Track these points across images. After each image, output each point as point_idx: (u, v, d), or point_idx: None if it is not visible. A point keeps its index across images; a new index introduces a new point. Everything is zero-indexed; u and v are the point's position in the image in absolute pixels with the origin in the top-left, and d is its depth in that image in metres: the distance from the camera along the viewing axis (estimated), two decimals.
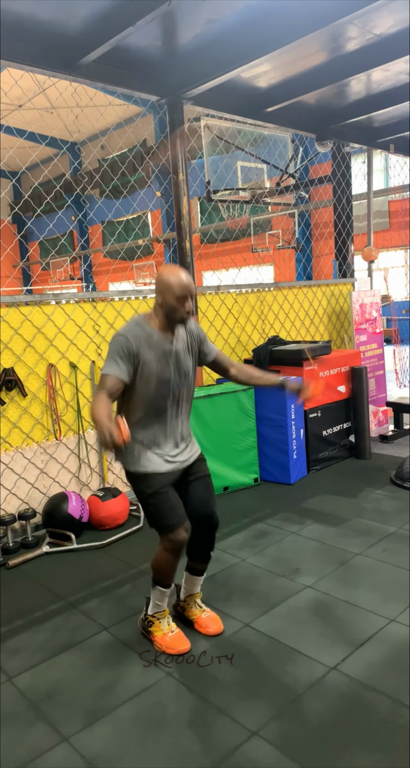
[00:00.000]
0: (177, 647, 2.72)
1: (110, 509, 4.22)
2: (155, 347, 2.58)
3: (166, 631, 2.78)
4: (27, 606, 3.26)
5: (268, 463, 5.01)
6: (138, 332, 2.57)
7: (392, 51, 4.58)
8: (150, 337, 2.58)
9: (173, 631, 2.79)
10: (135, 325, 2.60)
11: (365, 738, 2.16)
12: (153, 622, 2.80)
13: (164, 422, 2.67)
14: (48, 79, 6.63)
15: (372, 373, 6.43)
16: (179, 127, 4.98)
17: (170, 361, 2.62)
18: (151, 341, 2.57)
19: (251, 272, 16.78)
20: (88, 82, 4.40)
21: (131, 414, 2.63)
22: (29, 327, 4.20)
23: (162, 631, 2.78)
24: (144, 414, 2.63)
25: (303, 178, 9.95)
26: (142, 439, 2.64)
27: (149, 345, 2.56)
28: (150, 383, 2.58)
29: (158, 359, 2.58)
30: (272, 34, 4.06)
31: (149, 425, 2.65)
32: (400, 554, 3.55)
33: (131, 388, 2.59)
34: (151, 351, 2.57)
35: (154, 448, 2.66)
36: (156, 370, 2.58)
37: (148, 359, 2.56)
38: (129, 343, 2.53)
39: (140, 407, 2.62)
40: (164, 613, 2.81)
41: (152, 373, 2.57)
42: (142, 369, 2.56)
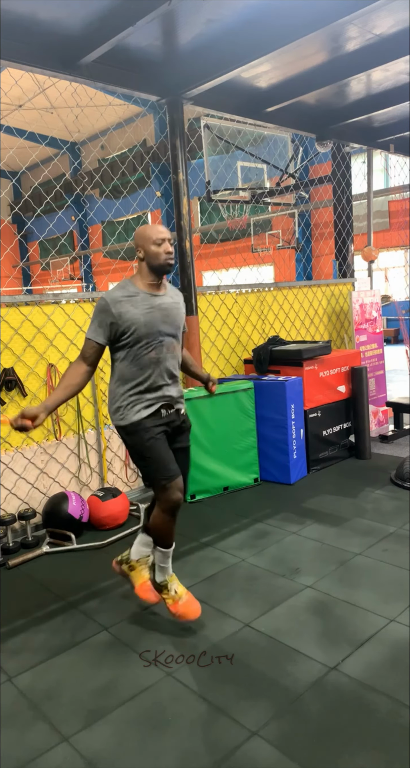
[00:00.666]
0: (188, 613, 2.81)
1: (110, 509, 4.22)
2: (140, 303, 2.69)
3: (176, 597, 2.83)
4: (27, 606, 3.26)
5: (268, 463, 5.01)
6: (119, 294, 2.68)
7: (392, 51, 4.58)
8: (134, 296, 2.70)
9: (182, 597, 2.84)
10: (118, 288, 2.72)
11: (365, 738, 2.16)
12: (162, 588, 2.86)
13: (158, 375, 2.76)
14: (48, 79, 6.64)
15: (372, 373, 6.43)
16: (179, 127, 4.98)
17: (159, 314, 2.72)
18: (135, 299, 2.69)
19: (251, 272, 16.79)
20: (88, 82, 4.40)
21: (125, 369, 2.73)
22: (29, 327, 4.20)
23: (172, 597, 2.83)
24: (138, 368, 2.72)
25: (303, 178, 9.95)
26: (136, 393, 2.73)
27: (132, 303, 2.68)
28: (140, 335, 2.68)
29: (145, 313, 2.68)
30: (272, 34, 4.06)
31: (142, 379, 2.73)
32: (400, 554, 3.55)
33: (123, 344, 2.70)
34: (135, 307, 2.67)
35: (147, 400, 2.73)
36: (145, 322, 2.68)
37: (132, 315, 2.66)
38: (107, 306, 2.65)
39: (133, 362, 2.72)
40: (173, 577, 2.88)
41: (140, 326, 2.67)
42: (127, 326, 2.66)
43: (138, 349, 2.70)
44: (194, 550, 3.81)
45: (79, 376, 2.71)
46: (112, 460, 4.73)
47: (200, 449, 4.68)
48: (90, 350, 2.71)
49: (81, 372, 2.71)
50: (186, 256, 5.10)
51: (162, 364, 2.76)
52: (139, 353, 2.71)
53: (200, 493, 4.72)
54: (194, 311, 5.11)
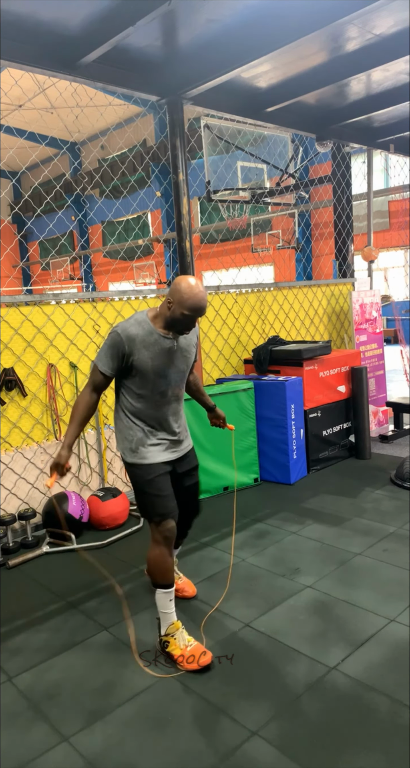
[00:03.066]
0: (197, 662, 2.61)
1: (110, 509, 4.22)
2: (152, 345, 2.63)
3: (182, 646, 2.67)
4: (27, 606, 3.27)
5: (268, 463, 5.01)
6: (134, 331, 2.61)
7: (392, 51, 4.58)
8: (148, 336, 2.63)
9: (190, 644, 2.69)
10: (134, 323, 2.64)
11: (365, 738, 2.16)
12: (168, 642, 2.70)
13: (164, 415, 2.76)
14: (48, 79, 6.64)
15: (372, 373, 6.44)
16: (179, 127, 4.98)
17: (168, 358, 2.68)
18: (148, 340, 2.62)
19: (251, 272, 16.79)
20: (88, 82, 4.40)
21: (131, 404, 2.73)
22: (29, 327, 4.20)
23: (179, 648, 2.67)
24: (143, 406, 2.72)
25: (303, 178, 9.95)
26: (140, 431, 2.73)
27: (144, 344, 2.62)
28: (147, 378, 2.66)
29: (155, 356, 2.64)
30: (272, 34, 4.06)
31: (146, 417, 2.74)
32: (400, 554, 3.55)
33: (130, 381, 2.70)
34: (147, 350, 2.63)
35: (152, 438, 2.75)
36: (153, 367, 2.64)
37: (142, 357, 2.62)
38: (121, 343, 2.60)
39: (139, 400, 2.72)
40: (174, 626, 2.72)
41: (148, 370, 2.64)
42: (136, 366, 2.64)
43: (145, 389, 2.69)
44: (194, 550, 3.81)
45: (91, 407, 2.72)
46: (112, 460, 4.74)
47: (200, 449, 4.67)
48: (99, 380, 2.70)
49: (92, 403, 2.72)
50: (186, 256, 5.10)
51: (166, 404, 2.76)
52: (145, 393, 2.70)
53: (200, 493, 4.71)
54: None
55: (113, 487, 4.40)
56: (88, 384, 2.73)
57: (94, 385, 2.71)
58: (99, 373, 2.68)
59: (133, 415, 2.73)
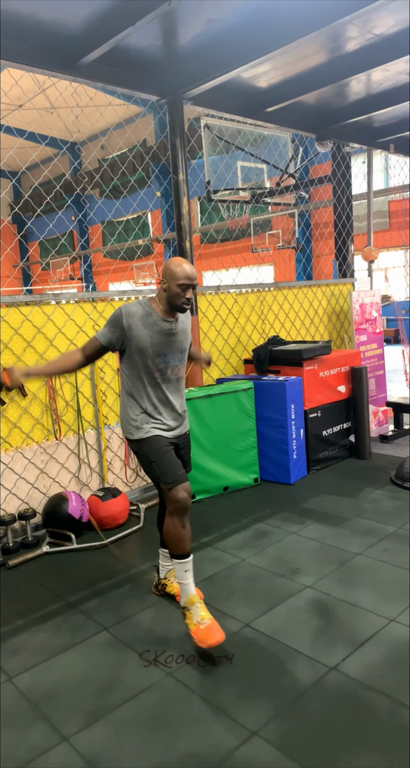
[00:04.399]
0: (207, 641, 2.64)
1: (110, 509, 4.22)
2: (151, 326, 2.80)
3: (198, 621, 2.70)
4: (27, 606, 3.26)
5: (268, 463, 5.01)
6: (135, 309, 2.80)
7: (392, 51, 4.58)
8: (148, 316, 2.80)
9: (203, 622, 2.70)
10: (136, 303, 2.84)
11: (365, 738, 2.16)
12: (185, 614, 2.76)
13: (164, 396, 2.89)
14: (48, 79, 6.64)
15: (372, 373, 6.44)
16: (179, 127, 4.98)
17: (167, 339, 2.83)
18: (148, 320, 2.80)
19: (251, 272, 16.79)
20: (88, 82, 4.40)
21: (134, 386, 2.87)
22: (29, 327, 4.20)
23: (194, 623, 2.71)
24: (143, 385, 2.86)
25: (303, 178, 9.95)
26: (144, 408, 2.86)
27: (144, 323, 2.79)
28: (147, 355, 2.80)
29: (153, 335, 2.79)
30: (272, 34, 4.06)
31: (149, 396, 2.86)
32: (400, 554, 3.55)
33: (130, 360, 2.83)
34: (145, 328, 2.79)
35: (155, 415, 2.88)
36: (152, 344, 2.79)
37: (141, 334, 2.77)
38: (120, 317, 2.78)
39: (140, 379, 2.85)
40: (190, 600, 2.75)
41: (146, 348, 2.79)
42: (134, 343, 2.78)
43: (145, 368, 2.83)
44: (194, 550, 3.81)
45: (72, 363, 2.85)
46: (112, 460, 4.74)
47: (200, 449, 4.67)
48: (91, 346, 2.85)
49: (75, 360, 2.86)
50: (186, 256, 5.10)
51: (167, 384, 2.89)
52: (145, 372, 2.84)
53: (200, 493, 4.72)
54: (194, 311, 5.11)
55: (113, 487, 4.40)
56: (81, 347, 2.87)
57: (85, 350, 2.85)
58: (95, 340, 2.83)
59: (136, 396, 2.86)
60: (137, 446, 2.88)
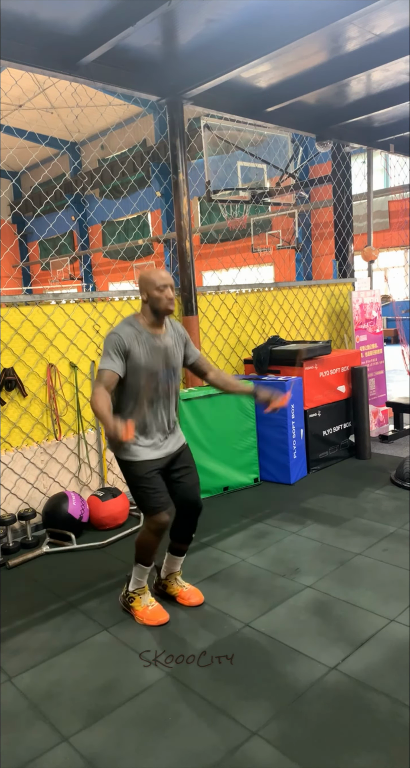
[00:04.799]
0: (157, 618, 2.96)
1: (110, 509, 4.22)
2: (144, 343, 2.83)
3: (146, 604, 3.02)
4: (27, 606, 3.26)
5: (268, 463, 5.01)
6: (129, 330, 2.82)
7: (392, 51, 4.58)
8: (140, 334, 2.84)
9: (152, 604, 3.03)
10: (127, 324, 2.86)
11: (365, 738, 2.16)
12: (134, 598, 3.05)
13: (154, 413, 2.90)
14: (48, 79, 6.64)
15: (372, 373, 6.43)
16: (179, 127, 4.98)
17: (158, 356, 2.86)
18: (140, 338, 2.83)
19: (251, 272, 16.79)
20: (88, 82, 4.40)
21: (123, 405, 2.88)
22: (29, 327, 4.20)
23: (142, 605, 3.02)
24: (135, 405, 2.87)
25: (303, 178, 9.95)
26: (135, 428, 2.84)
27: (138, 341, 2.82)
28: (140, 376, 2.82)
29: (147, 354, 2.82)
30: (272, 34, 4.06)
31: (139, 416, 2.87)
32: (400, 554, 3.55)
33: (123, 381, 2.83)
34: (140, 347, 2.82)
35: (144, 437, 2.88)
36: (145, 364, 2.82)
37: (137, 354, 2.80)
38: (121, 341, 2.78)
39: (131, 399, 2.86)
40: (144, 589, 3.06)
41: (141, 367, 2.81)
42: (132, 363, 2.80)
43: (137, 387, 2.84)
44: (194, 550, 3.81)
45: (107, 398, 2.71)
46: (112, 460, 4.73)
47: (200, 449, 4.68)
48: (110, 380, 2.75)
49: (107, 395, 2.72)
50: (186, 256, 5.10)
51: (158, 402, 2.91)
52: (138, 391, 2.85)
53: (200, 493, 4.71)
54: (194, 311, 5.11)
55: (113, 487, 4.40)
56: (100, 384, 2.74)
57: (106, 385, 2.75)
58: (111, 373, 2.75)
59: (125, 414, 2.86)
60: (124, 467, 2.92)
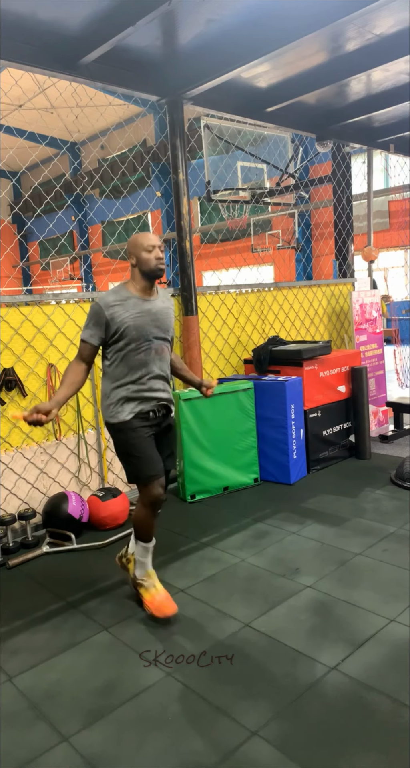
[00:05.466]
0: (164, 611, 2.95)
1: (110, 509, 4.22)
2: (131, 307, 2.84)
3: (153, 593, 3.01)
4: (27, 606, 3.26)
5: (268, 463, 5.01)
6: (112, 298, 2.84)
7: (392, 51, 4.58)
8: (126, 300, 2.85)
9: (159, 594, 3.01)
10: (111, 293, 2.87)
11: (365, 738, 2.16)
12: (141, 584, 3.07)
13: (147, 377, 2.90)
14: (48, 79, 6.64)
15: (372, 373, 6.43)
16: (179, 127, 4.98)
17: (148, 317, 2.86)
18: (126, 303, 2.84)
19: (251, 272, 16.78)
20: (88, 82, 4.40)
21: (116, 369, 2.88)
22: (29, 327, 4.20)
23: (150, 594, 3.02)
24: (128, 369, 2.87)
25: (303, 178, 9.95)
26: (125, 391, 2.87)
27: (123, 307, 2.83)
28: (130, 337, 2.82)
29: (135, 316, 2.83)
30: (272, 34, 4.06)
31: (132, 380, 2.87)
32: (400, 554, 3.55)
33: (114, 346, 2.85)
34: (126, 311, 2.82)
35: (135, 399, 2.88)
36: (135, 325, 2.82)
37: (123, 319, 2.80)
38: (100, 310, 2.81)
39: (123, 362, 2.87)
40: (148, 574, 3.06)
41: (130, 328, 2.81)
42: (118, 327, 2.81)
43: (128, 350, 2.84)
44: (194, 550, 3.81)
45: (81, 373, 2.86)
46: (112, 460, 4.73)
47: (200, 449, 4.68)
48: (86, 351, 2.87)
49: (82, 370, 2.87)
50: (186, 256, 5.10)
51: (151, 366, 2.90)
52: (128, 355, 2.85)
53: (200, 493, 4.72)
54: (194, 311, 5.11)
55: (113, 487, 4.40)
56: (77, 355, 2.88)
57: (82, 356, 2.86)
58: (85, 343, 2.85)
59: (118, 378, 2.87)
60: (114, 431, 2.90)
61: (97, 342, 2.85)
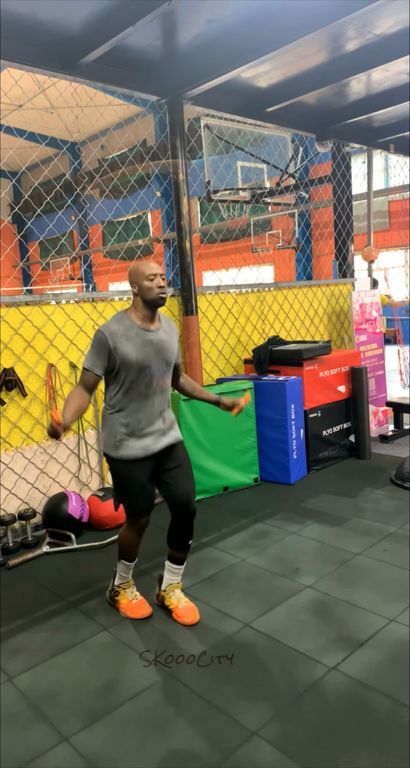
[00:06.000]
0: (140, 612, 3.04)
1: (110, 509, 4.22)
2: (134, 338, 2.78)
3: (130, 598, 3.10)
4: (27, 606, 3.26)
5: (268, 463, 5.01)
6: (116, 328, 2.79)
7: (392, 51, 4.58)
8: (129, 330, 2.79)
9: (136, 598, 3.11)
10: (115, 321, 2.83)
11: (365, 738, 2.16)
12: (119, 592, 3.13)
13: (148, 407, 2.85)
14: (48, 79, 6.65)
15: (372, 373, 6.43)
16: (179, 127, 4.98)
17: (150, 349, 2.81)
18: (130, 334, 2.79)
19: (251, 272, 16.78)
20: (88, 82, 4.40)
21: (117, 400, 2.84)
22: (29, 327, 4.20)
23: (127, 599, 3.10)
24: (129, 400, 2.83)
25: (303, 178, 9.94)
26: (126, 424, 2.83)
27: (127, 338, 2.77)
28: (132, 370, 2.78)
29: (138, 348, 2.78)
30: (272, 34, 4.06)
31: (132, 411, 2.83)
32: (400, 554, 3.55)
33: (116, 376, 2.81)
34: (129, 342, 2.77)
35: (137, 433, 2.83)
36: (136, 358, 2.77)
37: (126, 351, 2.76)
38: (105, 340, 2.76)
39: (125, 394, 2.83)
40: (128, 583, 3.14)
41: (132, 362, 2.77)
42: (121, 360, 2.76)
43: (129, 382, 2.81)
44: (194, 550, 3.81)
45: (85, 401, 2.81)
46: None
47: (200, 449, 4.68)
48: (90, 380, 2.82)
49: (86, 398, 2.82)
50: (186, 256, 5.10)
51: (151, 397, 2.87)
52: (130, 386, 2.82)
53: (200, 493, 4.72)
54: (194, 311, 5.11)
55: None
56: (79, 382, 2.85)
57: (85, 384, 2.82)
58: (87, 372, 2.80)
59: (119, 411, 2.84)
60: (113, 464, 2.90)
61: (100, 372, 2.80)
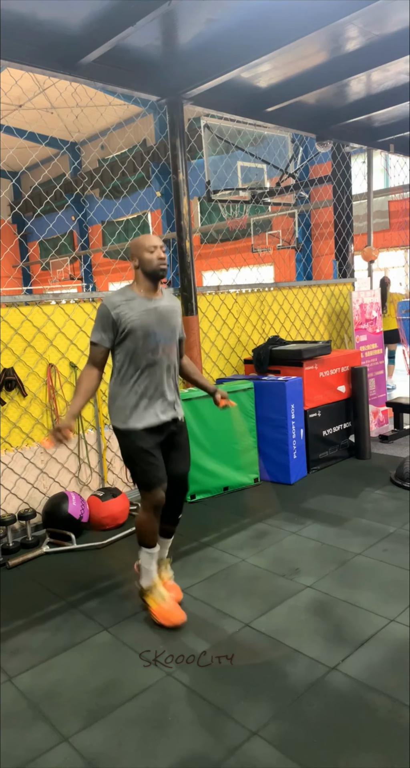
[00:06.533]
0: (170, 619, 2.91)
1: (110, 509, 4.22)
2: (137, 306, 2.83)
3: (159, 602, 2.97)
4: (27, 606, 3.26)
5: (268, 463, 5.01)
6: (117, 298, 2.84)
7: (392, 51, 4.58)
8: (131, 300, 2.84)
9: (166, 601, 2.98)
10: (117, 293, 2.88)
11: (365, 738, 2.16)
12: (147, 594, 3.02)
13: (155, 376, 2.87)
14: (48, 79, 6.65)
15: (372, 373, 6.43)
16: (179, 127, 4.98)
17: (154, 316, 2.84)
18: (131, 303, 2.83)
19: (251, 272, 16.78)
20: (88, 82, 4.40)
21: (124, 370, 2.86)
22: (29, 327, 4.20)
23: (156, 603, 2.97)
24: (136, 369, 2.85)
25: (303, 178, 9.95)
26: (134, 395, 2.84)
27: (129, 306, 2.82)
28: (137, 338, 2.80)
29: (141, 315, 2.81)
30: (272, 34, 4.06)
31: (140, 380, 2.85)
32: (400, 554, 3.55)
33: (122, 344, 2.83)
34: (131, 310, 2.81)
35: (144, 403, 2.86)
36: (140, 324, 2.80)
37: (129, 318, 2.79)
38: (107, 311, 2.80)
39: (132, 362, 2.84)
40: (154, 583, 3.00)
41: (136, 327, 2.79)
42: (125, 327, 2.79)
43: (135, 350, 2.82)
44: (194, 550, 3.81)
45: (94, 380, 2.87)
46: (112, 460, 4.73)
47: (200, 449, 4.67)
48: (98, 355, 2.87)
49: (95, 376, 2.87)
50: (186, 256, 5.10)
51: (159, 366, 2.87)
52: (136, 354, 2.83)
53: (200, 493, 4.72)
54: (194, 311, 5.11)
55: (113, 487, 4.40)
56: (88, 360, 2.88)
57: (94, 361, 2.87)
58: (95, 346, 2.84)
59: (127, 380, 2.85)
60: (122, 437, 2.89)
61: (108, 344, 2.84)
